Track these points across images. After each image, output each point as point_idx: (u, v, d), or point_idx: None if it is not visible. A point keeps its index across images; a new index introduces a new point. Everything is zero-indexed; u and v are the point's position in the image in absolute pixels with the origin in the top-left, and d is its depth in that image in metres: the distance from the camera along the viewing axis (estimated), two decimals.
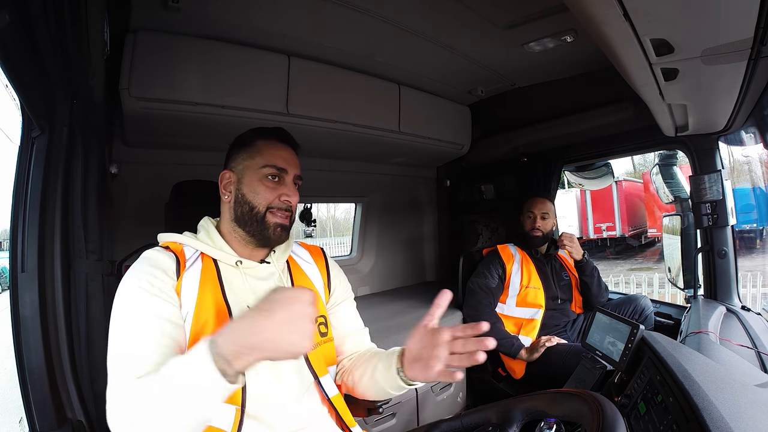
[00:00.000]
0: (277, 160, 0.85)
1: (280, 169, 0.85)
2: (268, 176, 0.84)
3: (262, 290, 0.83)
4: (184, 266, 0.79)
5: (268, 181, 0.84)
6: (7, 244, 1.08)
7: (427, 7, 1.44)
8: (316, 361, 0.85)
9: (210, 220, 0.89)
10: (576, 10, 0.80)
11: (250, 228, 0.84)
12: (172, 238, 0.84)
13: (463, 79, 2.11)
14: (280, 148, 0.87)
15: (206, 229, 0.87)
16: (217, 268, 0.82)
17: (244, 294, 0.82)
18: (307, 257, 0.99)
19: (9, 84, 0.92)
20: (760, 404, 0.68)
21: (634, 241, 11.92)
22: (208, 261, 0.83)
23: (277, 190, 0.84)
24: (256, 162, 0.85)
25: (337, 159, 2.29)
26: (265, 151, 0.85)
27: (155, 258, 0.78)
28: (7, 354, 1.10)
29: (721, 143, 1.70)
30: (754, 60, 0.93)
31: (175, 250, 0.81)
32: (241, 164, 0.86)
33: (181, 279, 0.77)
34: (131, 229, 1.63)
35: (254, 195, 0.83)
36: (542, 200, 2.00)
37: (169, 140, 1.70)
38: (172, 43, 1.39)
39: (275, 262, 0.89)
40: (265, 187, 0.84)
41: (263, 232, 0.84)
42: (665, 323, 1.90)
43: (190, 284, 0.78)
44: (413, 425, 1.71)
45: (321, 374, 0.85)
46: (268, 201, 0.84)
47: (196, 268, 0.80)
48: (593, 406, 0.46)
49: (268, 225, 0.84)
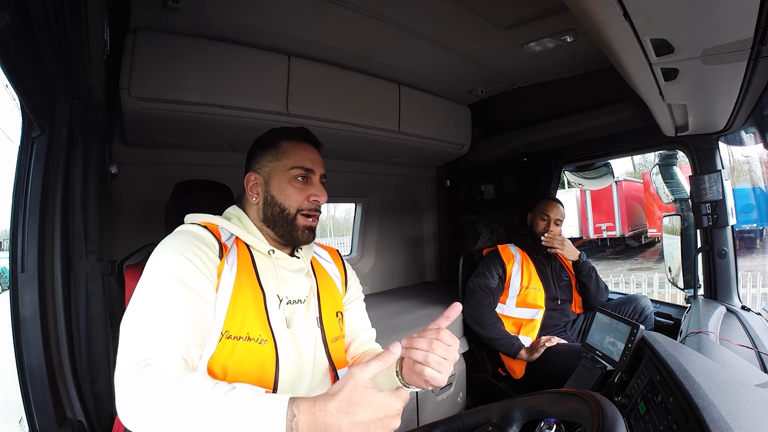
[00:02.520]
0: (304, 160, 0.86)
1: (308, 170, 0.86)
2: (297, 177, 0.85)
3: (292, 282, 0.86)
4: (226, 247, 0.79)
5: (297, 183, 0.85)
6: (7, 244, 1.08)
7: (427, 7, 1.44)
8: (336, 353, 0.88)
9: (240, 209, 0.89)
10: (576, 10, 0.80)
11: (279, 229, 0.85)
12: (209, 219, 0.83)
13: (463, 79, 2.11)
14: (305, 148, 0.87)
15: (238, 216, 0.87)
16: (251, 255, 0.83)
17: (277, 284, 0.83)
18: (327, 257, 1.02)
19: (9, 84, 0.92)
20: (760, 404, 0.67)
21: (633, 241, 11.92)
22: (243, 247, 0.83)
23: (305, 190, 0.85)
24: (283, 164, 0.85)
25: (337, 159, 2.29)
26: (291, 152, 0.86)
27: (199, 233, 0.77)
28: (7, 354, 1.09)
29: (721, 143, 1.70)
30: (754, 60, 0.93)
31: (213, 230, 0.80)
32: (267, 166, 0.86)
33: (223, 260, 0.77)
34: (131, 229, 1.64)
35: (284, 197, 0.84)
36: (558, 205, 1.99)
37: (169, 140, 1.70)
38: (172, 43, 1.39)
39: (303, 257, 0.91)
40: (294, 189, 0.85)
41: (292, 233, 0.85)
42: (665, 323, 1.90)
43: (230, 265, 0.78)
44: (413, 425, 1.71)
45: (339, 366, 0.88)
46: (299, 203, 0.85)
47: (233, 252, 0.81)
48: (593, 406, 0.46)
49: (298, 227, 0.85)
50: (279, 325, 0.80)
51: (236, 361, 0.74)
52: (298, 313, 0.84)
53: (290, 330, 0.81)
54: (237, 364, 0.74)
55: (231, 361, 0.73)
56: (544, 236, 1.92)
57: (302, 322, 0.84)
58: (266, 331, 0.77)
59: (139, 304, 0.67)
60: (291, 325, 0.82)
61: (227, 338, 0.74)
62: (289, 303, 0.84)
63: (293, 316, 0.83)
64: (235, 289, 0.77)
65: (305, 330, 0.84)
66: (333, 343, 0.88)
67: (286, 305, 0.83)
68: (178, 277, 0.69)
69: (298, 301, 0.85)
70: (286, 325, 0.81)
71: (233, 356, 0.73)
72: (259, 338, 0.76)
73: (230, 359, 0.73)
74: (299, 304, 0.86)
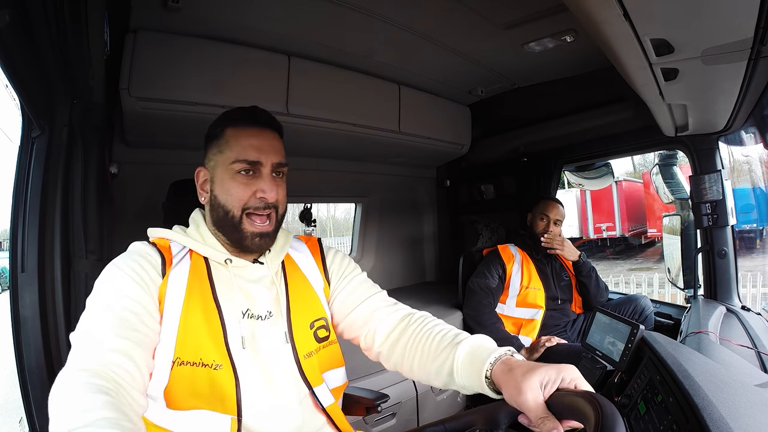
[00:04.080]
0: (248, 151, 0.73)
1: (253, 162, 0.73)
2: (240, 172, 0.73)
3: (254, 293, 0.76)
4: (170, 264, 0.72)
5: (240, 177, 0.73)
6: (7, 244, 1.08)
7: (428, 7, 1.44)
8: (311, 371, 0.77)
9: (200, 213, 0.81)
10: (576, 10, 0.80)
11: (228, 234, 0.76)
12: (160, 234, 0.77)
13: (463, 79, 2.11)
14: (252, 134, 0.74)
15: (196, 223, 0.79)
16: (208, 266, 0.75)
17: (235, 295, 0.74)
18: (303, 248, 0.90)
19: (9, 84, 0.92)
20: (760, 404, 0.67)
21: (636, 239, 11.91)
22: (198, 258, 0.76)
23: (251, 185, 0.73)
24: (225, 156, 0.74)
25: (337, 159, 2.28)
26: (233, 142, 0.74)
27: (142, 249, 0.73)
28: (7, 354, 1.09)
29: (721, 143, 1.70)
30: (754, 60, 0.93)
31: (161, 247, 0.74)
32: (213, 159, 0.76)
33: (167, 278, 0.71)
34: (131, 229, 1.62)
35: (226, 196, 0.74)
36: (558, 205, 1.99)
37: (169, 140, 1.70)
38: (172, 43, 1.39)
39: (269, 263, 0.80)
40: (237, 185, 0.73)
41: (241, 241, 0.75)
42: (665, 323, 1.90)
43: (177, 283, 0.71)
44: (413, 425, 1.71)
45: (315, 384, 0.77)
46: (242, 201, 0.73)
47: (183, 265, 0.74)
48: (593, 405, 0.46)
49: (245, 233, 0.74)
50: (238, 344, 0.71)
51: (192, 390, 0.67)
52: (263, 329, 0.75)
53: (251, 349, 0.72)
54: (193, 393, 0.67)
55: (186, 390, 0.67)
56: (544, 237, 1.92)
57: (267, 339, 0.75)
58: (221, 354, 0.69)
59: (81, 319, 0.65)
60: (252, 343, 0.73)
61: (179, 365, 0.67)
62: (251, 318, 0.74)
63: (256, 333, 0.74)
64: (184, 308, 0.69)
65: (271, 347, 0.75)
66: (306, 359, 0.77)
67: (246, 321, 0.74)
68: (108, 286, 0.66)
69: (262, 316, 0.76)
70: (242, 345, 0.71)
71: (188, 385, 0.67)
72: (213, 363, 0.68)
73: (186, 388, 0.67)
74: (265, 319, 0.76)
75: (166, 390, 0.67)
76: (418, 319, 0.81)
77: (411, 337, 0.78)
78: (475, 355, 0.66)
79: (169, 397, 0.67)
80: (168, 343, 0.68)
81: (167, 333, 0.68)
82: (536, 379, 0.54)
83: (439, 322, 0.80)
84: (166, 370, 0.67)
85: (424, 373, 0.75)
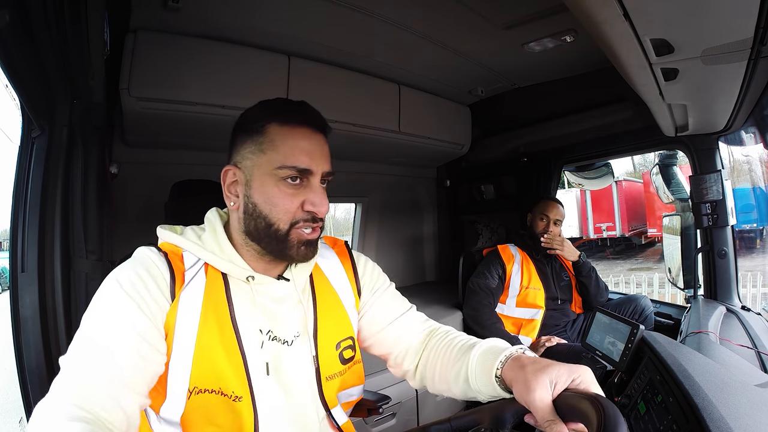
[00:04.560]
0: (299, 156, 0.63)
1: (303, 171, 0.64)
2: (287, 179, 0.64)
3: (278, 314, 0.69)
4: (181, 283, 0.64)
5: (287, 186, 0.64)
6: (7, 244, 1.08)
7: (428, 7, 1.44)
8: (330, 392, 0.73)
9: (218, 216, 0.71)
10: (576, 10, 0.80)
11: (267, 246, 0.67)
12: (173, 240, 0.68)
13: (463, 79, 2.11)
14: (303, 135, 0.65)
15: (214, 228, 0.69)
16: (226, 282, 0.67)
17: (255, 317, 0.67)
18: (331, 254, 0.82)
19: (9, 84, 0.92)
20: (760, 404, 0.67)
21: (637, 238, 11.92)
22: (215, 273, 0.67)
23: (298, 196, 0.65)
24: (268, 158, 0.64)
25: (337, 159, 2.26)
26: (280, 142, 0.64)
27: (149, 260, 0.64)
28: (7, 354, 1.09)
29: (721, 143, 1.70)
30: (754, 60, 0.93)
31: (172, 257, 0.65)
32: (249, 159, 0.65)
33: (177, 301, 0.62)
34: (131, 229, 1.63)
35: (270, 207, 0.64)
36: (558, 205, 1.99)
37: (169, 140, 1.70)
38: (172, 43, 1.39)
39: (295, 279, 0.72)
40: (283, 195, 0.64)
41: (285, 251, 0.66)
42: (665, 323, 1.90)
43: (190, 305, 0.63)
44: (413, 425, 1.71)
45: (332, 405, 0.73)
46: (291, 214, 0.64)
47: (198, 283, 0.65)
48: (595, 406, 0.46)
49: (291, 244, 0.65)
50: (259, 371, 0.65)
51: (209, 418, 0.63)
52: (288, 354, 0.69)
53: (274, 376, 0.67)
54: (210, 420, 0.63)
55: (204, 417, 0.63)
56: (543, 238, 1.92)
57: (292, 364, 0.69)
58: (242, 384, 0.64)
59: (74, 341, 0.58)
60: (276, 369, 0.67)
61: (197, 393, 0.62)
62: (274, 341, 0.68)
63: (281, 358, 0.68)
64: (200, 333, 0.62)
65: (296, 372, 0.69)
66: (328, 381, 0.72)
67: (269, 343, 0.67)
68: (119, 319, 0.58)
69: (288, 341, 0.69)
70: (266, 372, 0.65)
71: (206, 413, 0.63)
72: (232, 395, 0.63)
73: (203, 416, 0.63)
74: (291, 344, 0.69)
75: (183, 417, 0.63)
76: (441, 332, 0.78)
77: (432, 351, 0.76)
78: (487, 356, 0.64)
79: (185, 424, 0.64)
80: (182, 372, 0.62)
81: (180, 362, 0.62)
82: (546, 377, 0.52)
83: (459, 334, 0.76)
84: (182, 398, 0.62)
85: (444, 384, 0.72)
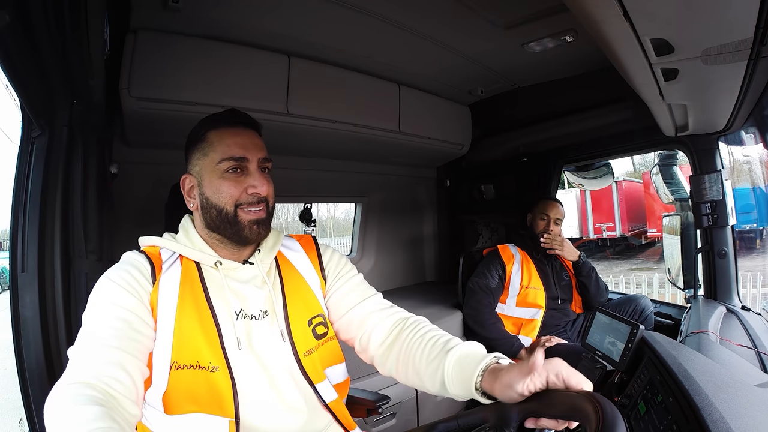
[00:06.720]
0: (233, 149, 0.75)
1: (239, 159, 0.75)
2: (228, 170, 0.75)
3: (246, 294, 0.77)
4: (159, 270, 0.74)
5: (230, 176, 0.75)
6: (7, 244, 1.08)
7: (428, 7, 1.44)
8: (312, 368, 0.78)
9: (189, 219, 0.82)
10: (576, 10, 0.80)
11: (225, 232, 0.77)
12: (150, 242, 0.79)
13: (463, 79, 2.11)
14: (234, 133, 0.77)
15: (185, 228, 0.81)
16: (200, 270, 0.77)
17: (227, 297, 0.75)
18: (297, 247, 0.90)
19: (9, 84, 0.92)
20: (760, 404, 0.67)
21: (636, 239, 11.92)
22: (189, 263, 0.77)
23: (241, 182, 0.75)
24: (211, 158, 0.76)
25: (337, 159, 2.28)
26: (217, 143, 0.76)
27: (132, 258, 0.75)
28: (7, 354, 1.09)
29: (721, 143, 1.70)
30: (754, 60, 0.93)
31: (150, 255, 0.76)
32: (198, 164, 0.78)
33: (157, 284, 0.72)
34: (131, 229, 1.62)
35: (218, 195, 0.75)
36: (558, 205, 1.99)
37: (169, 140, 1.70)
38: (172, 43, 1.39)
39: (259, 263, 0.81)
40: (227, 183, 0.75)
41: (239, 232, 0.76)
42: (665, 323, 1.90)
43: (169, 288, 0.73)
44: (413, 425, 1.71)
45: (317, 381, 0.78)
46: (235, 198, 0.75)
47: (174, 271, 0.75)
48: (593, 405, 0.46)
49: (242, 224, 0.75)
50: (234, 345, 0.73)
51: (189, 394, 0.69)
52: (258, 329, 0.76)
53: (247, 350, 0.74)
54: (190, 397, 0.69)
55: (184, 394, 0.68)
56: (543, 238, 1.92)
57: (264, 338, 0.76)
58: (217, 356, 0.71)
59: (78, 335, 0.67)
60: (248, 343, 0.74)
61: (177, 369, 0.69)
62: (245, 318, 0.76)
63: (251, 333, 0.75)
64: (178, 312, 0.71)
65: (269, 347, 0.76)
66: (306, 356, 0.78)
67: (241, 321, 0.75)
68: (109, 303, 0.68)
69: (255, 315, 0.77)
70: (237, 346, 0.73)
71: (186, 389, 0.68)
72: (209, 366, 0.70)
73: (184, 392, 0.68)
74: (259, 318, 0.77)
75: (165, 395, 0.68)
76: (412, 324, 0.82)
77: (404, 344, 0.79)
78: (464, 365, 0.68)
79: (167, 403, 0.68)
80: (164, 348, 0.69)
81: (163, 338, 0.70)
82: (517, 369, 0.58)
83: (432, 328, 0.81)
84: (165, 375, 0.69)
85: (418, 381, 0.77)
